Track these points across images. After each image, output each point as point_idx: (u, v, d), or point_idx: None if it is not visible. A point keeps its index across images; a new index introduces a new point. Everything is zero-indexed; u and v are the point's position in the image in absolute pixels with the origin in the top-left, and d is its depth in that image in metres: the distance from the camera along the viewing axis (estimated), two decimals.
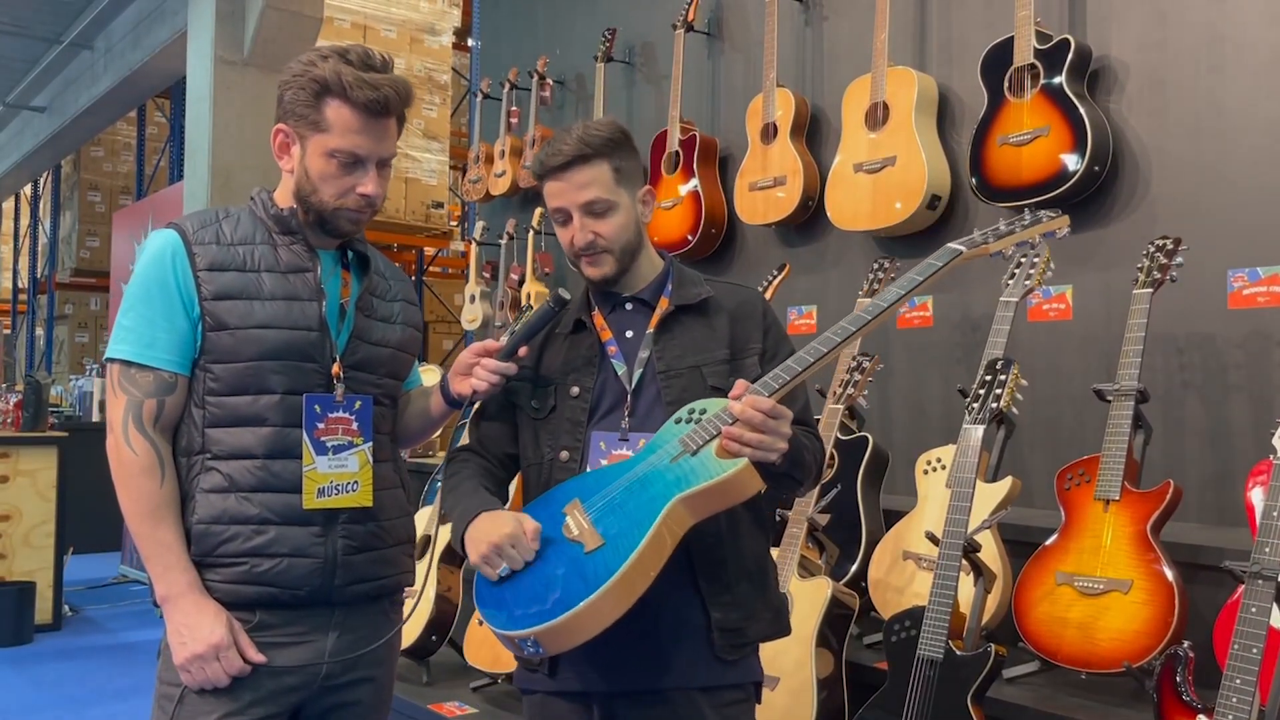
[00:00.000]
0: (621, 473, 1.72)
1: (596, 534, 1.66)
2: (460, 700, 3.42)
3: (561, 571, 1.64)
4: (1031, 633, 2.51)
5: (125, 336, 1.75)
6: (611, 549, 1.62)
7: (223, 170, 6.24)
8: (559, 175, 1.84)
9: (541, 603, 1.62)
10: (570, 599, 1.59)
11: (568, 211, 1.85)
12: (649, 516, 1.62)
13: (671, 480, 1.65)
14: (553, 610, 1.59)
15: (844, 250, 3.91)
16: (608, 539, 1.64)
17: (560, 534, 1.69)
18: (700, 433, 1.68)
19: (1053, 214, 1.87)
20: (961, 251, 1.82)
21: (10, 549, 6.04)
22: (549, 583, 1.64)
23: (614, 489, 1.70)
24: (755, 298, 1.96)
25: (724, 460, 1.64)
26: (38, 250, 13.05)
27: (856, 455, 3.09)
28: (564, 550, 1.67)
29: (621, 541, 1.62)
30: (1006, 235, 1.84)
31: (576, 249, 1.86)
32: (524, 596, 1.65)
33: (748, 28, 4.37)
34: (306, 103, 1.76)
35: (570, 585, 1.61)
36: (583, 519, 1.69)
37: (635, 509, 1.65)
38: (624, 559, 1.59)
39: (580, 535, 1.67)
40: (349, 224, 1.82)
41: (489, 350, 1.87)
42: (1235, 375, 2.90)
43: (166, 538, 1.72)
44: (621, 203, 1.85)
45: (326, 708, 1.84)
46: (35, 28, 8.80)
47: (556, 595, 1.61)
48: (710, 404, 1.72)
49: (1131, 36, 3.16)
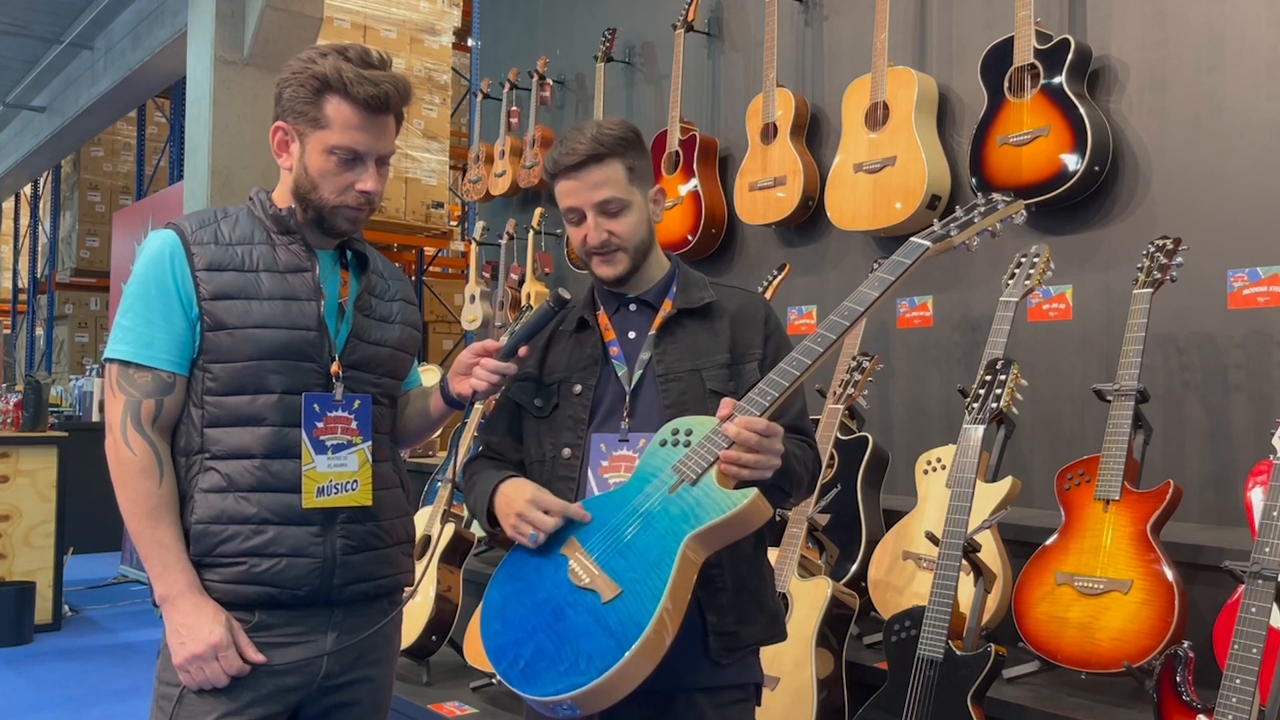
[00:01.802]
0: (617, 507, 1.68)
1: (610, 580, 1.60)
2: (460, 700, 3.42)
3: (583, 625, 1.59)
4: (1031, 633, 2.51)
5: (124, 336, 1.75)
6: (633, 597, 1.57)
7: (223, 170, 6.25)
8: (573, 174, 1.83)
9: (572, 664, 1.57)
10: (603, 659, 1.53)
11: (581, 211, 1.84)
12: (665, 557, 1.58)
13: (679, 515, 1.62)
14: (587, 672, 1.54)
15: (844, 250, 3.91)
16: (625, 586, 1.59)
17: (567, 580, 1.64)
18: (696, 459, 1.65)
19: (1007, 198, 1.85)
20: (928, 247, 1.78)
21: (10, 549, 6.04)
22: (574, 640, 1.58)
23: (614, 527, 1.66)
24: (758, 302, 1.95)
25: (730, 491, 1.60)
26: (38, 250, 13.06)
27: (856, 455, 3.09)
28: (579, 600, 1.62)
29: (642, 589, 1.57)
30: (967, 225, 1.82)
31: (590, 248, 1.85)
32: (548, 657, 1.60)
33: (748, 28, 4.37)
34: (306, 99, 1.76)
35: (597, 642, 1.56)
36: (588, 563, 1.64)
37: (647, 549, 1.61)
38: (651, 610, 1.54)
39: (592, 583, 1.62)
40: (347, 222, 1.82)
41: (489, 350, 1.86)
42: (1235, 375, 2.90)
43: (165, 538, 1.71)
44: (635, 201, 1.85)
45: (326, 708, 1.83)
46: (35, 28, 8.80)
47: (586, 654, 1.56)
48: (694, 424, 1.69)
49: (1131, 36, 3.16)
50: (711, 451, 1.63)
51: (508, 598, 1.72)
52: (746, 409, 1.64)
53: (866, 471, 3.07)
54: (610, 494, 1.73)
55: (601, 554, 1.65)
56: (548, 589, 1.67)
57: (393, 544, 1.89)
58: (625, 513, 1.67)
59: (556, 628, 1.62)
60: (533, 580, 1.71)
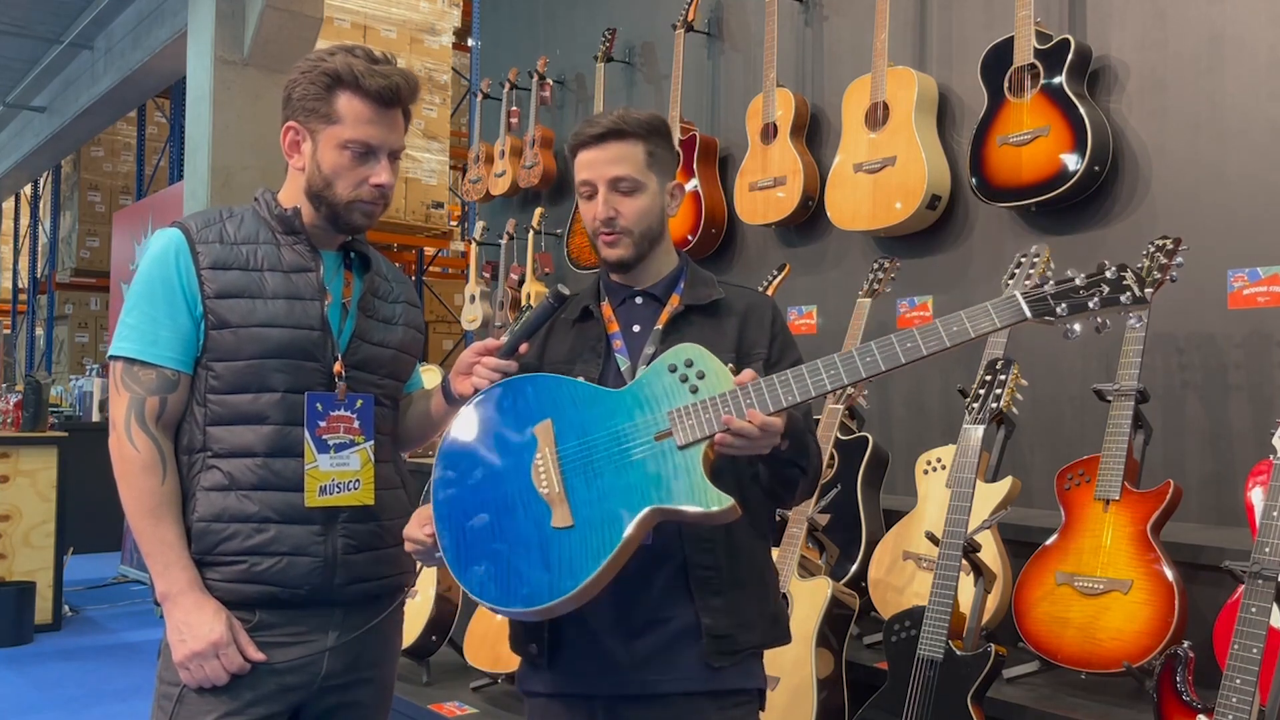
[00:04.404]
0: (602, 417, 1.67)
1: (565, 506, 1.62)
2: (460, 700, 3.42)
3: (526, 537, 1.62)
4: (1031, 633, 2.51)
5: (128, 334, 1.75)
6: (580, 541, 1.60)
7: (223, 170, 6.25)
8: (592, 146, 1.83)
9: (505, 580, 1.62)
10: (534, 592, 1.59)
11: (594, 185, 1.84)
12: (622, 515, 1.59)
13: (653, 476, 1.61)
14: (514, 598, 1.61)
15: (844, 250, 3.91)
16: (576, 523, 1.61)
17: (529, 472, 1.66)
18: (693, 423, 1.62)
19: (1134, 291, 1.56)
20: (1026, 317, 1.58)
21: (10, 549, 6.04)
22: (512, 548, 1.63)
23: (591, 442, 1.66)
24: (765, 302, 1.94)
25: (710, 486, 1.59)
26: (38, 250, 13.06)
27: (856, 455, 3.09)
28: (530, 505, 1.64)
29: (591, 537, 1.59)
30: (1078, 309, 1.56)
31: (597, 223, 1.85)
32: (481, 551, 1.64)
33: (748, 28, 4.37)
34: (317, 96, 1.77)
35: (534, 570, 1.60)
36: (553, 469, 1.65)
37: (609, 493, 1.61)
38: (592, 568, 1.58)
39: (549, 494, 1.64)
40: (363, 217, 1.82)
41: (489, 349, 1.86)
42: (1235, 375, 2.90)
43: (167, 535, 1.72)
44: (650, 186, 1.84)
45: (327, 708, 1.84)
46: (35, 28, 8.80)
47: (520, 575, 1.61)
48: (706, 366, 1.65)
49: (1131, 36, 3.16)
50: (710, 423, 1.61)
51: (466, 447, 1.73)
52: (764, 397, 1.61)
53: (866, 471, 3.07)
54: (601, 394, 1.71)
55: (569, 465, 1.66)
56: (508, 467, 1.69)
57: (394, 544, 1.88)
58: (607, 431, 1.66)
59: (501, 521, 1.66)
60: (496, 444, 1.72)
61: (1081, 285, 1.58)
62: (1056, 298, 1.57)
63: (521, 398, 1.73)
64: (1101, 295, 1.56)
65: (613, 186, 1.82)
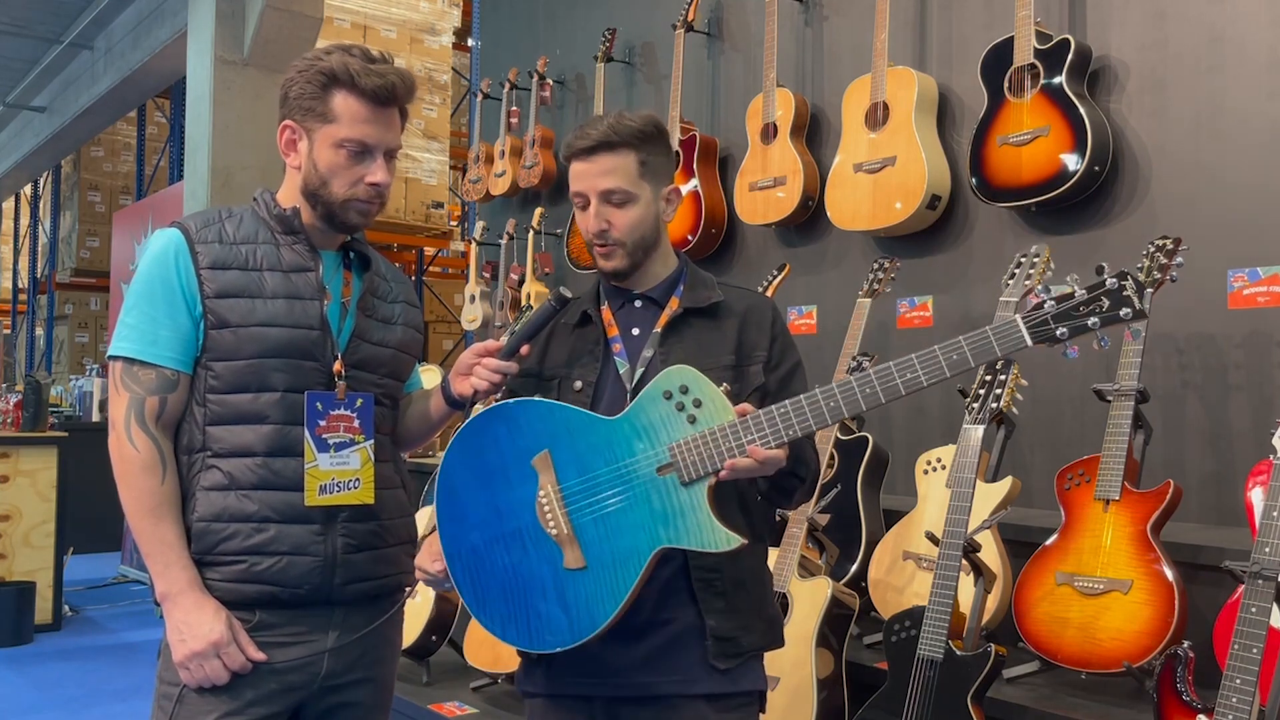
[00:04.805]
0: (600, 444, 1.66)
1: (577, 547, 1.64)
2: (460, 700, 3.42)
3: (540, 577, 1.65)
4: (1031, 633, 2.51)
5: (128, 334, 1.75)
6: (595, 583, 1.63)
7: (223, 170, 6.25)
8: (584, 158, 1.83)
9: (524, 621, 1.66)
10: (554, 635, 1.64)
11: (586, 197, 1.84)
12: (634, 556, 1.62)
13: (659, 513, 1.63)
14: (536, 639, 1.65)
15: (844, 250, 3.91)
16: (589, 565, 1.64)
17: (533, 508, 1.67)
18: (696, 457, 1.62)
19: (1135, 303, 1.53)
20: (1027, 345, 1.55)
21: (10, 549, 6.04)
22: (528, 589, 1.66)
23: (594, 480, 1.66)
24: (766, 304, 1.94)
25: (717, 525, 1.60)
26: (38, 250, 13.06)
27: (856, 455, 3.09)
28: (541, 544, 1.67)
29: (606, 579, 1.63)
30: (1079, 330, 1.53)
31: (590, 235, 1.86)
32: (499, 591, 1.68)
33: (748, 28, 4.37)
34: (314, 95, 1.77)
35: (551, 612, 1.64)
36: (558, 508, 1.66)
37: (618, 534, 1.64)
38: (610, 611, 1.62)
39: (558, 535, 1.65)
40: (359, 215, 1.82)
41: (490, 350, 1.86)
42: (1235, 375, 2.90)
43: (167, 535, 1.72)
44: (642, 196, 1.84)
45: (327, 708, 1.83)
46: (35, 28, 8.80)
47: (540, 615, 1.65)
48: (701, 393, 1.64)
49: (1131, 36, 3.16)
50: (712, 459, 1.61)
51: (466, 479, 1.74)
52: (765, 431, 1.60)
53: (866, 471, 3.07)
54: (597, 422, 1.69)
55: (574, 503, 1.67)
56: (512, 503, 1.70)
57: (394, 544, 1.89)
58: (608, 466, 1.66)
59: (512, 557, 1.68)
60: (497, 477, 1.72)
61: (1081, 301, 1.55)
62: (1057, 319, 1.55)
63: (515, 426, 1.72)
64: (1101, 312, 1.54)
65: (604, 199, 1.82)
